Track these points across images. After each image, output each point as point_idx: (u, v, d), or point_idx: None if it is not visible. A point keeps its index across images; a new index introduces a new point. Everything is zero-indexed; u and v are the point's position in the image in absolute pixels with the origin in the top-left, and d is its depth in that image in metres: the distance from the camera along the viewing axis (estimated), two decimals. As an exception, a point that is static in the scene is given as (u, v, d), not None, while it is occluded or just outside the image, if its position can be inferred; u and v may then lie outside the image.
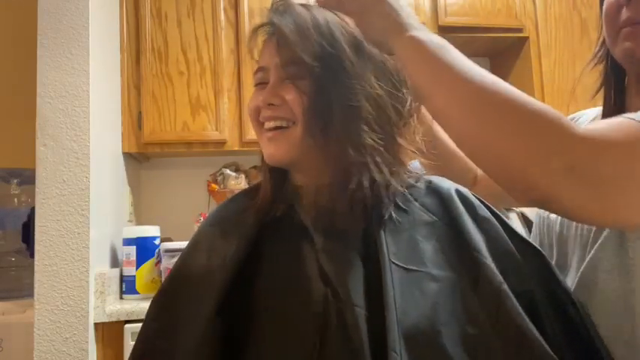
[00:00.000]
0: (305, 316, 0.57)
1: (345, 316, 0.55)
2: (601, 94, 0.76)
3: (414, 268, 0.59)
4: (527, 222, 1.58)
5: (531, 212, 1.56)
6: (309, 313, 0.57)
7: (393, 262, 0.59)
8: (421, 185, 0.68)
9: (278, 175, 0.70)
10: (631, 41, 0.65)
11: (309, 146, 0.64)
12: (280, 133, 0.65)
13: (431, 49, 0.56)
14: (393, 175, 0.64)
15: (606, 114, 0.75)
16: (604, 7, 0.70)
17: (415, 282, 0.58)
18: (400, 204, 0.65)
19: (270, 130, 0.66)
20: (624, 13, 0.65)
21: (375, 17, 0.61)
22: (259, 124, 0.68)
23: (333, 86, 0.62)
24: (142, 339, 0.67)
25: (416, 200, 0.66)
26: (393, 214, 0.63)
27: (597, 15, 0.74)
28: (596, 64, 0.76)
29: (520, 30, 2.28)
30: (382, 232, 0.61)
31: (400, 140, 0.66)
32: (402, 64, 0.60)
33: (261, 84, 0.68)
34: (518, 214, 1.60)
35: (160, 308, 0.68)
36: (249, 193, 0.74)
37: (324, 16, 0.65)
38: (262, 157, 0.70)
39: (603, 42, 0.74)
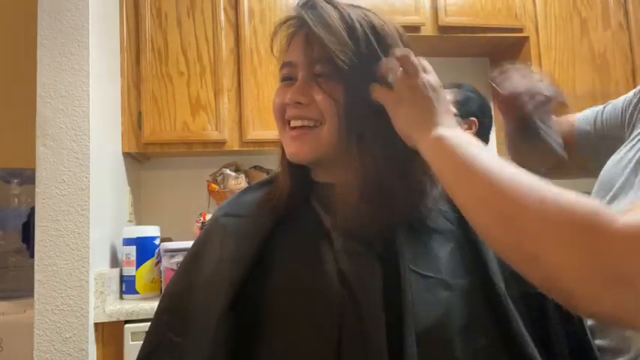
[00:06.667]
0: (322, 315, 0.57)
1: (364, 320, 0.55)
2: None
3: (430, 274, 0.59)
4: None
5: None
6: (326, 312, 0.57)
7: (411, 268, 0.58)
8: (437, 191, 0.67)
9: (297, 171, 0.68)
10: None
11: (336, 147, 0.63)
12: (305, 133, 0.64)
13: (450, 147, 0.55)
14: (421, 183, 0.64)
15: None
16: None
17: (430, 288, 0.58)
18: (419, 209, 0.63)
19: (294, 128, 0.64)
20: None
21: (411, 109, 0.59)
22: (283, 122, 0.66)
23: (368, 92, 0.61)
24: (153, 331, 0.66)
25: (434, 206, 0.65)
26: (412, 219, 0.62)
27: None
28: None
29: (520, 30, 2.28)
30: (400, 237, 0.60)
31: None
32: (427, 161, 0.59)
33: (287, 79, 0.66)
34: None
35: (171, 301, 0.68)
36: (264, 186, 0.73)
37: (355, 14, 0.63)
38: (282, 152, 0.69)
39: None
